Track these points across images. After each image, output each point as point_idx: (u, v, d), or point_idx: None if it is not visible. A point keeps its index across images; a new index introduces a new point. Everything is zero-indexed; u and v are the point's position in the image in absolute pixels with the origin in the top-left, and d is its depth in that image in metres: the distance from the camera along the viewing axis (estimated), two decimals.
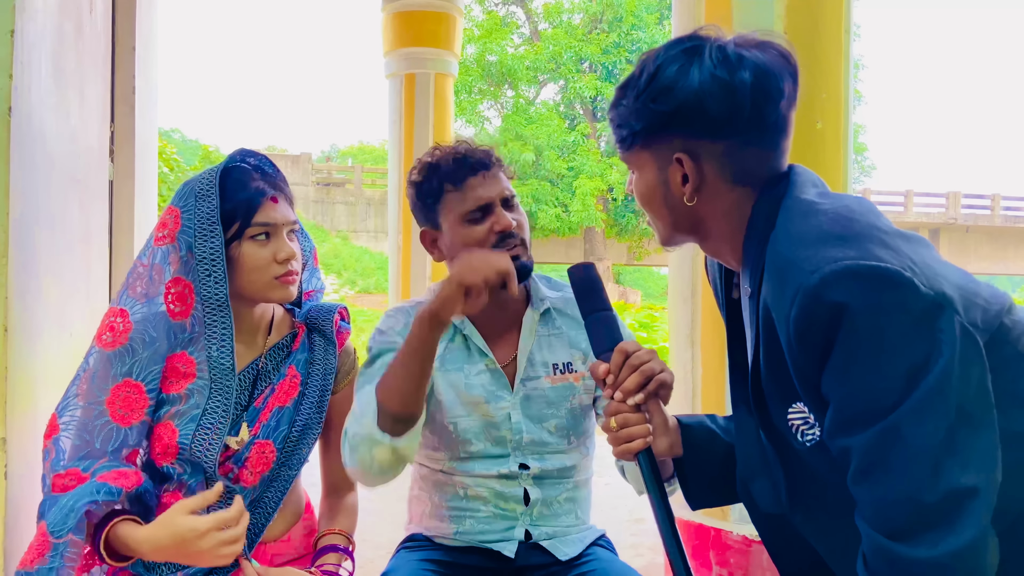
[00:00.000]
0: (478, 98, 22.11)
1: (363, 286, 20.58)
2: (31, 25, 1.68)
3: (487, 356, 1.52)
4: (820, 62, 2.20)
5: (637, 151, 1.12)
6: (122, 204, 2.64)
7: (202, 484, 1.39)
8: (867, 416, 0.91)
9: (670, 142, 1.07)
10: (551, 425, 1.53)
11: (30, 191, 1.68)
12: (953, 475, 0.87)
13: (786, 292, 0.95)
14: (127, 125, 2.65)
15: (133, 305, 1.39)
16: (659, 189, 1.11)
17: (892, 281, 0.89)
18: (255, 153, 1.49)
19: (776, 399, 1.06)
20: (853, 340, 0.90)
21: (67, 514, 1.24)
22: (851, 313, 0.90)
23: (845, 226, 0.97)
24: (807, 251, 0.95)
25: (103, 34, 2.39)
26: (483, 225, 1.45)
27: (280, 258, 1.41)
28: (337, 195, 24.84)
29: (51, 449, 1.35)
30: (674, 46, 1.07)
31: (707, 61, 1.03)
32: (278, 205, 1.44)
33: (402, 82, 6.17)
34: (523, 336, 1.54)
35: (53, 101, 1.86)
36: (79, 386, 1.38)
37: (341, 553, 1.49)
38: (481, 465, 1.51)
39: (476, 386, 1.51)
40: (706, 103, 1.02)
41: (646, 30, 20.61)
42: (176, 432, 1.38)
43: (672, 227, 1.15)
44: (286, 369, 1.50)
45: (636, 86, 1.08)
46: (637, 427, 1.17)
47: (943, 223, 25.81)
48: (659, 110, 1.05)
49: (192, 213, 1.39)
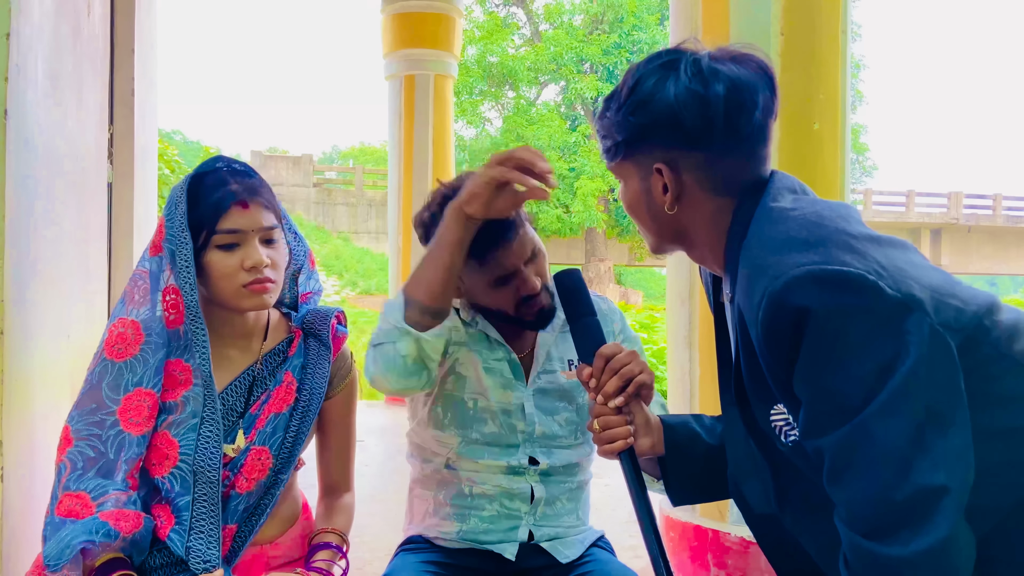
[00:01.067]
0: (479, 99, 22.10)
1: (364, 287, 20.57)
2: (27, 27, 1.68)
3: (504, 346, 1.54)
4: (817, 63, 2.20)
5: (621, 162, 1.16)
6: (121, 206, 2.64)
7: (188, 505, 1.38)
8: (836, 417, 0.92)
9: (650, 153, 1.11)
10: (562, 418, 1.55)
11: (27, 194, 1.68)
12: (922, 474, 0.88)
13: (753, 297, 0.97)
14: (126, 127, 2.66)
15: (139, 315, 1.39)
16: (643, 198, 1.15)
17: (855, 284, 0.91)
18: (231, 159, 1.46)
19: (758, 400, 1.09)
20: (818, 343, 0.92)
21: (63, 549, 1.26)
22: (815, 317, 0.92)
23: (812, 231, 0.99)
24: (773, 256, 0.98)
25: (101, 36, 2.39)
26: (507, 289, 1.46)
27: (247, 265, 1.37)
28: (338, 196, 24.84)
29: (66, 464, 1.35)
30: (652, 60, 1.12)
31: (682, 75, 1.07)
32: (248, 210, 1.39)
33: (402, 83, 6.18)
34: (543, 335, 1.56)
35: (50, 103, 1.86)
36: (90, 397, 1.37)
37: (335, 551, 1.49)
38: (490, 453, 1.52)
39: (495, 371, 1.53)
40: (681, 115, 1.06)
41: (647, 31, 20.61)
42: (175, 442, 1.38)
43: (658, 235, 1.19)
44: (282, 375, 1.49)
45: (618, 99, 1.12)
46: (618, 429, 1.23)
47: (945, 223, 25.78)
48: (638, 122, 1.10)
49: (171, 221, 1.39)
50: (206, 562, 1.35)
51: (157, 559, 1.37)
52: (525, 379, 1.55)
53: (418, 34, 6.15)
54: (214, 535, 1.38)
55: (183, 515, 1.38)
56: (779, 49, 2.16)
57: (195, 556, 1.36)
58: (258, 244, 1.40)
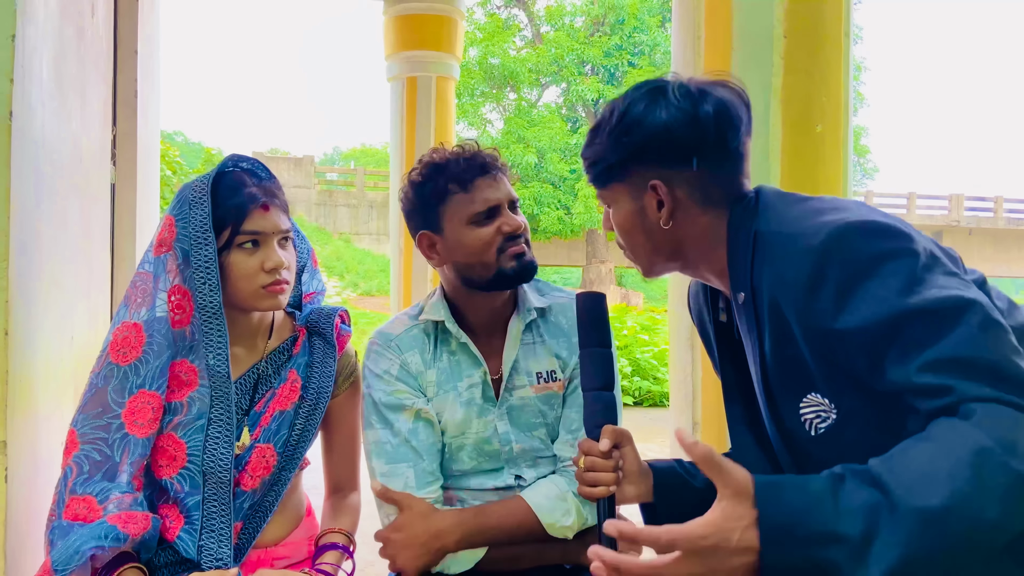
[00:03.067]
0: (480, 101, 22.10)
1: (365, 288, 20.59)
2: (32, 29, 1.68)
3: (482, 365, 1.50)
4: (820, 66, 2.20)
5: (613, 186, 1.19)
6: (124, 207, 2.64)
7: (198, 505, 1.39)
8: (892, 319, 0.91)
9: (643, 172, 1.15)
10: (540, 433, 1.52)
11: (31, 195, 1.69)
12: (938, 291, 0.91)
13: (792, 261, 1.00)
14: (129, 128, 2.66)
15: (141, 317, 1.39)
16: (636, 217, 1.18)
17: (892, 231, 0.96)
18: (248, 158, 1.48)
19: (788, 394, 1.08)
20: (861, 280, 0.94)
21: (72, 555, 1.25)
22: (857, 259, 0.95)
23: (832, 204, 1.05)
24: (804, 224, 1.02)
25: (105, 37, 2.40)
26: (490, 227, 1.43)
27: (268, 267, 1.40)
28: (340, 197, 24.86)
29: (72, 468, 1.35)
30: (639, 88, 1.17)
31: (671, 97, 1.12)
32: (268, 213, 1.41)
33: (404, 85, 6.19)
34: (508, 346, 1.51)
35: (54, 105, 1.86)
36: (96, 401, 1.37)
37: (341, 552, 1.49)
38: (476, 480, 1.51)
39: (470, 401, 1.50)
40: (674, 133, 1.11)
41: (648, 33, 20.60)
42: (182, 443, 1.38)
43: (653, 253, 1.20)
44: (287, 373, 1.50)
45: (608, 124, 1.16)
46: (604, 475, 1.19)
47: (946, 225, 25.77)
48: (632, 142, 1.14)
49: (186, 221, 1.39)
50: (218, 560, 1.36)
51: (162, 557, 1.38)
52: (495, 398, 1.51)
53: (420, 36, 6.16)
54: (225, 534, 1.39)
55: (193, 515, 1.38)
56: (782, 52, 2.16)
57: (208, 555, 1.36)
58: (276, 246, 1.42)
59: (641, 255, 1.22)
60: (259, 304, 1.43)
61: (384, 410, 1.47)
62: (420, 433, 1.46)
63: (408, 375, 1.49)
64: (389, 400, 1.47)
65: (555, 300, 1.57)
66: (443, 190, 1.45)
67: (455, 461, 1.51)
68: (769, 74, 2.15)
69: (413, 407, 1.47)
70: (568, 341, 1.53)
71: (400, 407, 1.47)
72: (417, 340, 1.51)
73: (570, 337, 1.53)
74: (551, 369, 1.53)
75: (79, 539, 1.26)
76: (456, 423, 1.49)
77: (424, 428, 1.47)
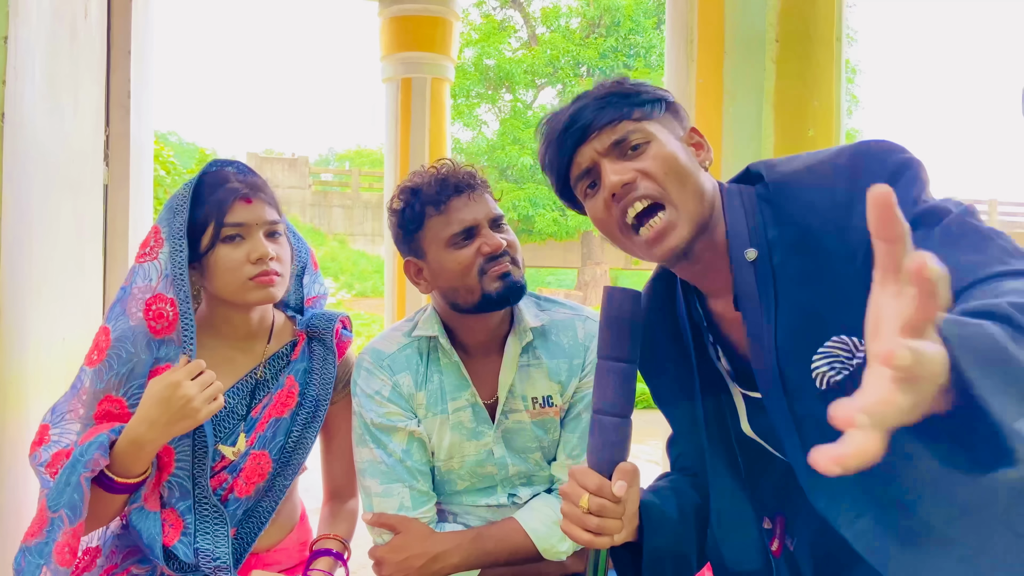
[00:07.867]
0: (476, 102, 22.10)
1: (360, 290, 20.55)
2: (25, 30, 1.68)
3: (469, 387, 1.46)
4: (812, 69, 2.21)
5: (662, 117, 1.09)
6: (116, 208, 2.64)
7: (190, 510, 1.39)
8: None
9: (680, 119, 1.13)
10: (536, 456, 1.50)
11: (23, 196, 1.69)
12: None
13: (820, 188, 0.99)
14: (122, 129, 2.66)
15: (116, 322, 1.37)
16: (684, 152, 1.07)
17: (900, 145, 0.97)
18: (231, 161, 1.47)
19: (802, 349, 0.96)
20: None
21: (63, 488, 1.24)
22: (885, 169, 0.95)
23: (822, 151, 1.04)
24: (815, 159, 1.02)
25: (98, 38, 2.39)
26: (469, 248, 1.37)
27: (253, 258, 1.38)
28: (334, 198, 24.83)
29: (39, 455, 1.34)
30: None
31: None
32: (251, 205, 1.40)
33: (399, 86, 6.19)
34: (504, 368, 1.46)
35: (47, 106, 1.86)
36: (71, 403, 1.38)
37: (334, 558, 1.49)
38: (470, 498, 1.51)
39: (458, 425, 1.46)
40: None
41: (643, 34, 20.64)
42: (171, 449, 1.38)
43: (700, 200, 1.04)
44: (285, 379, 1.48)
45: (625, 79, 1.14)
46: (612, 522, 1.03)
47: None
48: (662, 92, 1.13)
49: (170, 228, 1.39)
50: (215, 559, 1.35)
51: (170, 566, 1.38)
52: (491, 420, 1.48)
53: (415, 37, 6.16)
54: (221, 535, 1.38)
55: (186, 519, 1.38)
56: (774, 55, 2.17)
57: (204, 556, 1.36)
58: (262, 237, 1.40)
59: (692, 205, 1.03)
60: (249, 297, 1.40)
61: (376, 431, 1.44)
62: (414, 454, 1.44)
63: (399, 396, 1.46)
64: (381, 421, 1.44)
65: (556, 316, 1.51)
66: (420, 214, 1.40)
67: (448, 482, 1.50)
68: (761, 78, 2.15)
69: (406, 428, 1.44)
70: (569, 363, 1.48)
71: (393, 428, 1.44)
72: (410, 361, 1.47)
73: (571, 358, 1.49)
74: (547, 395, 1.48)
75: (65, 473, 1.25)
76: (445, 447, 1.46)
77: (417, 448, 1.45)
